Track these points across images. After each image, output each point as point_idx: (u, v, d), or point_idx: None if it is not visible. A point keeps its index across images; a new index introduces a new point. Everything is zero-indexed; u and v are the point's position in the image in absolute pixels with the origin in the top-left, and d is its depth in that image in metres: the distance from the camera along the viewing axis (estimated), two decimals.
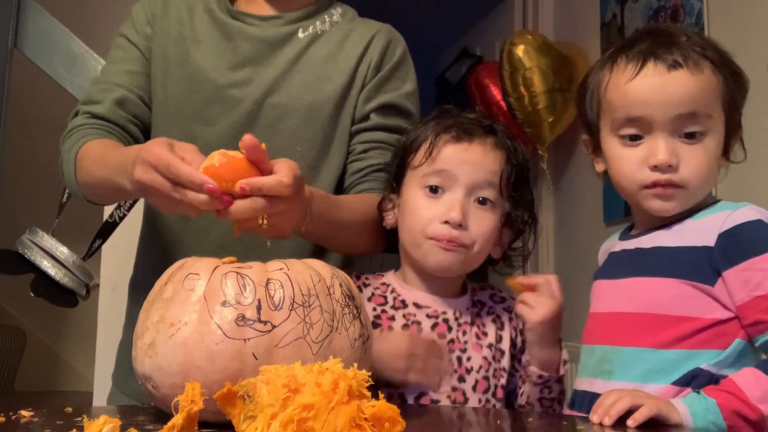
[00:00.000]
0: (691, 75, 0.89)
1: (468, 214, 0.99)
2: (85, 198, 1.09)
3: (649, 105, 0.90)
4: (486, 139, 1.03)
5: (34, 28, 1.78)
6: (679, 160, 0.90)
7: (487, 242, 1.02)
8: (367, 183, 1.11)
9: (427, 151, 1.01)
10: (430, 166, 1.01)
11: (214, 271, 0.73)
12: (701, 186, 0.92)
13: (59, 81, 1.77)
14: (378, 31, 1.16)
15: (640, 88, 0.90)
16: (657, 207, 0.92)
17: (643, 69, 0.91)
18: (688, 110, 0.89)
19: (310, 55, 1.12)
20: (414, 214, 1.02)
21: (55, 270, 1.38)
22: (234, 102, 1.08)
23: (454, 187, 1.00)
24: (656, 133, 0.90)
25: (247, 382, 0.56)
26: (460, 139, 1.02)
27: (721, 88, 0.91)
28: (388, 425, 0.55)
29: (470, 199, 1.01)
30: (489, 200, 1.01)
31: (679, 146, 0.90)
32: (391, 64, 1.15)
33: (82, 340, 2.95)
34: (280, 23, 1.13)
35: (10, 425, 0.67)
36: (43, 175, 2.63)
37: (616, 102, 0.93)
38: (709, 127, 0.91)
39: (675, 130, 0.90)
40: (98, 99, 1.10)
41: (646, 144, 0.91)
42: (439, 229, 0.99)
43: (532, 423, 0.84)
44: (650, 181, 0.91)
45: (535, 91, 2.61)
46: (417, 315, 1.04)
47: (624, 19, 2.47)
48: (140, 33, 1.14)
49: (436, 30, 3.93)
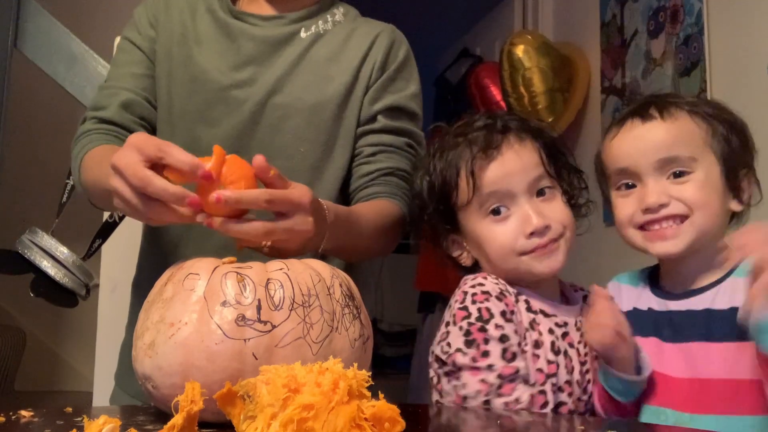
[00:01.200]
0: (663, 123, 0.97)
1: (542, 213, 0.99)
2: (92, 203, 1.09)
3: (631, 155, 0.98)
4: (509, 139, 1.01)
5: (34, 28, 1.78)
6: (670, 199, 0.94)
7: (572, 223, 1.02)
8: (375, 186, 1.11)
9: (469, 187, 1.00)
10: (482, 198, 0.99)
11: (214, 271, 0.73)
12: (706, 218, 0.94)
13: (59, 81, 1.77)
14: (381, 30, 1.17)
15: (621, 142, 1.00)
16: (661, 249, 0.96)
17: (623, 127, 1.01)
18: (667, 155, 0.96)
19: (312, 54, 1.12)
20: (494, 242, 1.00)
21: (55, 270, 1.38)
22: (237, 103, 1.08)
23: (515, 200, 0.99)
24: (644, 179, 0.97)
25: (247, 382, 0.56)
26: (491, 156, 0.99)
27: (705, 136, 0.97)
28: (388, 425, 0.55)
29: (533, 198, 1.00)
30: (547, 187, 1.01)
31: (669, 186, 0.95)
32: (396, 64, 1.15)
33: (82, 340, 2.95)
34: (282, 23, 1.13)
35: (10, 425, 0.67)
36: (43, 175, 2.63)
37: (607, 161, 1.03)
38: (695, 168, 0.95)
39: (662, 174, 0.96)
40: (105, 104, 1.10)
41: (638, 190, 0.98)
42: (529, 244, 0.98)
43: (532, 422, 0.84)
44: (644, 221, 0.96)
45: (535, 91, 2.61)
46: (545, 323, 1.01)
47: (624, 19, 2.47)
48: (143, 35, 1.14)
49: (436, 30, 3.92)
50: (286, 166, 1.08)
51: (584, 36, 2.75)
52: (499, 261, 1.00)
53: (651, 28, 2.29)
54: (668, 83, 2.17)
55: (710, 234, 0.95)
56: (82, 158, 1.04)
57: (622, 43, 2.47)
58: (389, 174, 1.11)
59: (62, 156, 1.64)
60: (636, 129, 0.99)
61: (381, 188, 1.10)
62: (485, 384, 0.93)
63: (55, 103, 2.44)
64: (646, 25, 2.32)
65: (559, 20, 3.02)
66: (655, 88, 2.25)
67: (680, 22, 2.13)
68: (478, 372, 0.94)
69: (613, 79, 2.52)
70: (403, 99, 1.14)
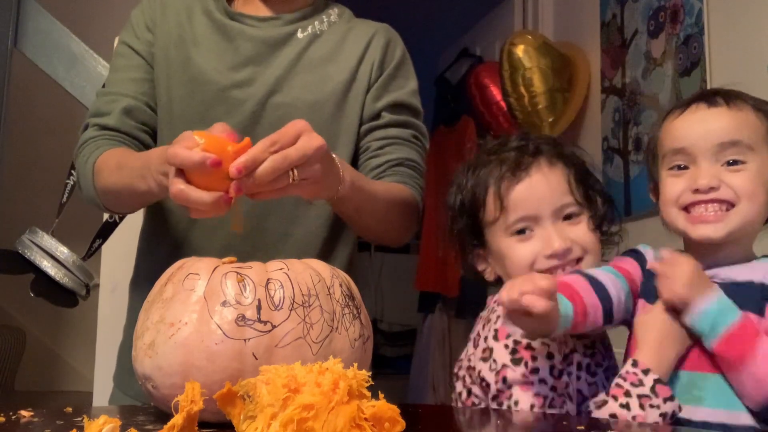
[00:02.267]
0: (729, 110, 0.98)
1: (566, 234, 1.00)
2: (106, 208, 1.09)
3: (691, 136, 0.98)
4: (540, 163, 1.02)
5: (34, 28, 1.78)
6: (721, 183, 0.94)
7: (595, 248, 1.02)
8: (388, 177, 1.11)
9: (495, 205, 1.01)
10: (508, 218, 1.01)
11: (214, 271, 0.73)
12: (752, 208, 0.95)
13: (59, 81, 1.77)
14: (376, 30, 1.18)
15: (684, 123, 1.00)
16: (702, 232, 0.95)
17: (687, 110, 1.01)
18: (729, 138, 0.96)
19: (310, 54, 1.12)
20: (515, 260, 1.01)
21: (55, 270, 1.38)
22: (237, 103, 1.08)
23: (539, 222, 1.00)
24: (699, 161, 0.97)
25: (247, 382, 0.56)
26: (519, 178, 1.01)
27: (764, 131, 0.98)
28: (388, 425, 0.55)
29: (559, 222, 1.01)
30: (573, 213, 1.02)
31: (722, 172, 0.95)
32: (394, 62, 1.16)
33: (82, 340, 2.95)
34: (278, 24, 1.13)
35: (10, 425, 0.67)
36: (43, 176, 2.63)
37: (664, 140, 1.02)
38: (751, 159, 0.96)
39: (717, 159, 0.96)
40: (106, 111, 1.10)
41: (690, 172, 0.97)
42: (547, 263, 0.99)
43: (532, 422, 0.84)
44: (691, 200, 0.96)
45: (535, 91, 2.61)
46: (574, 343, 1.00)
47: (624, 19, 2.47)
48: (141, 39, 1.14)
49: (436, 30, 3.93)
50: None
51: (584, 36, 2.75)
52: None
53: (651, 28, 2.29)
54: (668, 83, 2.17)
55: (750, 227, 0.97)
56: (94, 163, 1.04)
57: (622, 43, 2.47)
58: (399, 164, 1.11)
59: (62, 156, 1.64)
60: (700, 112, 1.00)
61: (394, 178, 1.10)
62: (539, 398, 0.93)
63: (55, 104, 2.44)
64: (646, 25, 2.32)
65: (559, 20, 3.02)
66: (655, 88, 2.25)
67: (680, 22, 2.13)
68: (529, 387, 0.94)
69: (613, 79, 2.52)
70: (405, 95, 1.15)
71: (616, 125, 2.48)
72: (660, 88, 2.22)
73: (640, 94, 2.34)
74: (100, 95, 1.15)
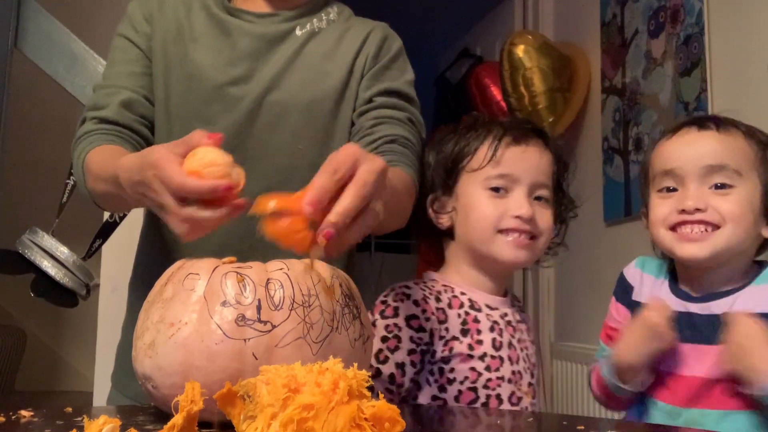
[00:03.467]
0: (719, 134, 1.00)
1: (533, 210, 1.06)
2: (100, 207, 1.09)
3: (680, 158, 1.01)
4: (539, 141, 1.10)
5: (34, 28, 1.78)
6: (708, 205, 0.97)
7: (550, 236, 1.10)
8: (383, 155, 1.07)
9: (487, 155, 1.06)
10: (494, 168, 1.06)
11: (214, 271, 0.73)
12: (737, 232, 0.97)
13: (59, 81, 1.77)
14: (374, 27, 1.17)
15: (674, 145, 1.04)
16: (687, 251, 0.98)
17: (678, 132, 1.04)
18: (716, 162, 0.98)
19: (307, 52, 1.12)
20: (483, 212, 1.06)
21: (55, 270, 1.38)
22: (234, 100, 1.08)
23: (516, 188, 1.06)
24: (687, 184, 0.99)
25: (247, 382, 0.56)
26: (519, 141, 1.07)
27: (753, 158, 1.00)
28: (388, 425, 0.55)
29: (531, 198, 1.07)
30: (544, 198, 1.08)
31: (709, 195, 0.98)
32: (389, 56, 1.15)
33: (82, 340, 2.95)
34: (277, 20, 1.13)
35: (10, 425, 0.67)
36: (43, 175, 2.63)
37: (654, 162, 1.06)
38: (738, 183, 0.98)
39: (705, 182, 0.98)
40: (104, 103, 1.09)
41: (678, 194, 1.00)
42: (511, 223, 1.04)
43: (532, 423, 0.84)
44: (677, 220, 0.99)
45: (535, 91, 2.61)
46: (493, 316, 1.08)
47: (624, 19, 2.47)
48: (140, 32, 1.14)
49: (436, 30, 3.93)
50: (285, 163, 1.08)
51: (584, 36, 2.75)
52: (477, 232, 1.06)
53: (651, 28, 2.29)
54: (668, 83, 2.17)
55: (737, 250, 0.98)
56: (84, 160, 1.04)
57: (622, 43, 2.47)
58: (392, 141, 1.07)
59: (62, 156, 1.64)
60: (690, 134, 1.03)
61: (386, 156, 1.04)
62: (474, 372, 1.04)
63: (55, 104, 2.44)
64: (647, 25, 2.32)
65: (560, 20, 3.02)
66: (655, 88, 2.25)
67: (680, 22, 2.13)
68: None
69: (613, 79, 2.52)
70: (399, 84, 1.13)
71: (616, 125, 2.48)
72: (660, 88, 2.22)
73: (640, 94, 2.34)
74: (98, 88, 1.14)
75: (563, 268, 2.83)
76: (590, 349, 2.45)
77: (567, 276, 2.80)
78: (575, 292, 2.71)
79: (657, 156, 1.06)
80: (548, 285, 2.89)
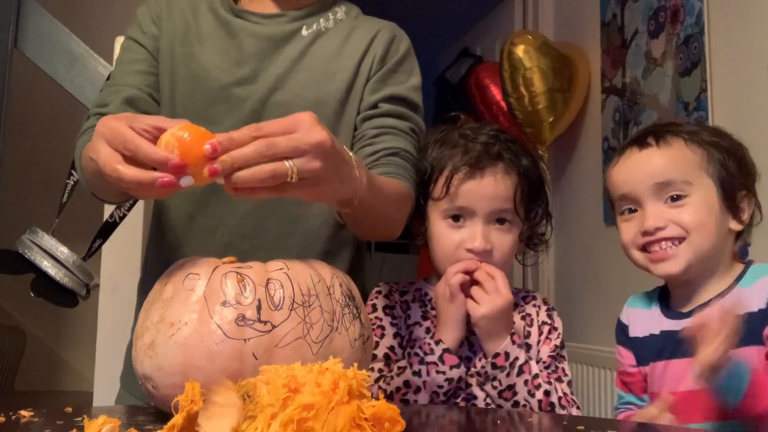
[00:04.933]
0: (659, 150, 1.04)
1: (489, 238, 1.07)
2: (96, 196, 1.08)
3: (629, 181, 1.05)
4: (496, 167, 1.09)
5: (34, 28, 1.78)
6: (667, 221, 1.00)
7: (509, 258, 1.11)
8: (381, 167, 1.07)
9: (444, 187, 1.08)
10: (449, 202, 1.08)
11: (214, 271, 0.73)
12: (703, 239, 0.99)
13: (59, 81, 1.77)
14: (382, 27, 1.16)
15: (621, 169, 1.08)
16: (662, 270, 1.02)
17: (623, 155, 1.08)
18: (662, 179, 1.01)
19: (313, 52, 1.12)
20: (441, 243, 1.10)
21: (55, 270, 1.38)
22: (238, 101, 1.08)
23: (473, 218, 1.08)
24: (644, 204, 1.03)
25: (247, 382, 0.56)
26: (473, 174, 1.08)
27: (700, 161, 1.02)
28: (388, 425, 0.55)
29: (490, 225, 1.08)
30: (507, 220, 1.09)
31: (666, 210, 1.01)
32: (396, 58, 1.14)
33: (82, 340, 2.95)
34: (283, 21, 1.13)
35: (10, 425, 0.67)
36: (43, 175, 2.63)
37: (610, 188, 1.10)
38: (690, 192, 1.01)
39: (659, 198, 1.02)
40: (108, 101, 1.09)
41: (638, 215, 1.04)
42: (466, 255, 1.06)
43: (532, 423, 0.84)
44: (643, 242, 1.02)
45: (535, 91, 2.61)
46: None
47: (624, 19, 2.47)
48: (147, 33, 1.14)
49: (436, 30, 3.93)
50: None
51: (584, 36, 2.76)
52: (440, 259, 1.11)
53: (651, 28, 2.29)
54: (668, 83, 2.17)
55: (709, 253, 1.01)
56: (81, 152, 1.04)
57: (622, 43, 2.47)
58: (394, 154, 1.08)
59: (62, 156, 1.64)
60: (633, 156, 1.06)
61: (387, 168, 1.07)
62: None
63: (55, 104, 2.44)
64: (647, 25, 2.32)
65: (560, 20, 3.02)
66: (655, 88, 2.25)
67: (680, 22, 2.13)
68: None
69: (613, 79, 2.52)
70: (404, 90, 1.13)
71: (616, 125, 2.48)
72: (660, 88, 2.22)
73: (640, 94, 2.34)
74: (105, 87, 1.14)
75: (563, 268, 2.84)
76: (590, 349, 2.46)
77: (567, 276, 2.80)
78: (575, 292, 2.71)
79: (610, 182, 1.09)
80: (548, 285, 2.89)
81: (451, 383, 1.03)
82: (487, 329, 1.04)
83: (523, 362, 1.03)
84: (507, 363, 1.03)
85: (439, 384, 1.03)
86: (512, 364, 1.03)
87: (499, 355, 1.03)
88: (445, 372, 1.03)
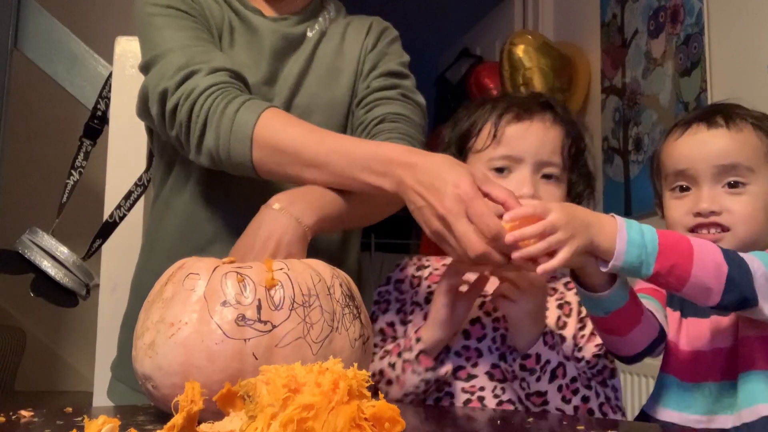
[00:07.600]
0: (728, 132, 0.99)
1: (537, 189, 1.00)
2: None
3: (691, 158, 1.00)
4: (545, 115, 1.04)
5: (34, 28, 1.78)
6: (722, 207, 0.97)
7: None
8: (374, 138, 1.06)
9: (490, 134, 1.02)
10: (495, 149, 1.02)
11: (214, 271, 0.73)
12: (749, 231, 0.97)
13: (59, 81, 1.77)
14: (372, 21, 1.20)
15: (684, 145, 1.02)
16: None
17: (688, 130, 1.02)
18: (728, 161, 0.98)
19: (320, 51, 1.14)
20: None
21: (55, 270, 1.37)
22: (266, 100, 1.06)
23: (520, 167, 1.01)
24: (701, 184, 0.99)
25: (247, 382, 0.56)
26: (522, 118, 1.03)
27: (765, 151, 0.99)
28: (388, 425, 0.55)
29: (537, 176, 1.02)
30: (554, 176, 1.03)
31: (723, 195, 0.98)
32: (385, 42, 1.17)
33: (82, 340, 2.95)
34: (291, 23, 1.14)
35: (10, 425, 0.67)
36: (43, 176, 2.63)
37: (666, 161, 1.04)
38: (751, 180, 0.98)
39: (718, 181, 0.98)
40: (208, 59, 0.96)
41: (692, 194, 1.00)
42: None
43: (532, 423, 0.84)
44: (694, 224, 0.98)
45: None
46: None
47: (624, 19, 2.47)
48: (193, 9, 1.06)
49: (436, 30, 3.93)
50: None
51: (584, 36, 2.76)
52: None
53: (651, 28, 2.29)
54: (668, 83, 2.17)
55: (751, 247, 0.97)
56: (256, 120, 0.92)
57: (622, 43, 2.47)
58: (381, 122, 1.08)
59: (62, 156, 1.64)
60: (700, 133, 1.01)
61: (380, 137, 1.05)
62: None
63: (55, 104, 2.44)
64: (647, 25, 2.32)
65: (560, 20, 3.02)
66: (655, 88, 2.25)
67: (680, 22, 2.13)
68: None
69: (613, 79, 2.52)
70: (394, 65, 1.15)
71: (616, 125, 2.48)
72: (660, 88, 2.22)
73: (640, 94, 2.34)
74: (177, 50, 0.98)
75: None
76: None
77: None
78: None
79: (667, 155, 1.04)
80: None
81: (428, 384, 0.95)
82: (514, 324, 0.95)
83: (555, 365, 0.94)
84: (538, 366, 0.93)
85: (414, 384, 0.95)
86: (543, 368, 0.93)
87: (530, 357, 0.93)
88: (419, 373, 0.95)
